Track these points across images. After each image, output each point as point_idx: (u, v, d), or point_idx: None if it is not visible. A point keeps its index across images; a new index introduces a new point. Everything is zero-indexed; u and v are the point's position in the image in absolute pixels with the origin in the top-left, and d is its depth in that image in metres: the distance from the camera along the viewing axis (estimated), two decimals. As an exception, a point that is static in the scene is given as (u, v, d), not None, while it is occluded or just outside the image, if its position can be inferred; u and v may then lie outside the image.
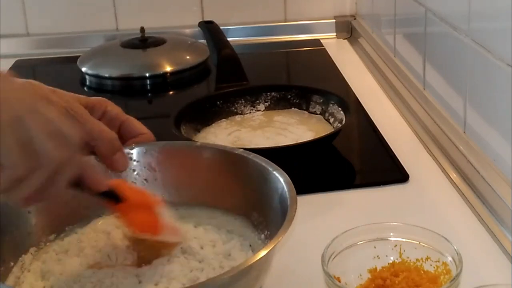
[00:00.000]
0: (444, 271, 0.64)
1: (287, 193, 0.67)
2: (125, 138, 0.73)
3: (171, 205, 0.74)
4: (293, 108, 1.09)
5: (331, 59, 1.42)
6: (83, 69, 1.36)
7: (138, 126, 0.74)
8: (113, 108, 0.73)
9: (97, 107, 0.71)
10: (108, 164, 0.68)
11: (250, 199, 0.74)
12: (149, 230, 0.68)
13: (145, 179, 0.77)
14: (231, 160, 0.75)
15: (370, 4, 1.49)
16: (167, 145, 0.78)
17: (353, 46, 1.53)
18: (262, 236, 0.72)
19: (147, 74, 1.34)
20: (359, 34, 1.53)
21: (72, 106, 0.64)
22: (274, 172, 0.71)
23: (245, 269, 0.57)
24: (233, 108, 1.08)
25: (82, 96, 0.70)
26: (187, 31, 1.55)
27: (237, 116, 1.08)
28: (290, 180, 0.69)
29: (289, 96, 1.09)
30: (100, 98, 0.72)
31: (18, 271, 0.69)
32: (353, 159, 1.01)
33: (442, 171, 0.94)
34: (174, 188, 0.77)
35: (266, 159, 0.73)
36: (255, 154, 0.74)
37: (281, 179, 0.69)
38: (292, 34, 1.59)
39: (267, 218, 0.71)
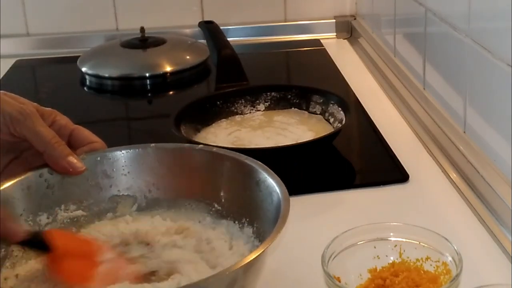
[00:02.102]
0: (444, 271, 0.64)
1: (280, 195, 0.66)
2: (75, 147, 0.73)
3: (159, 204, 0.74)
4: (293, 108, 1.09)
5: (331, 59, 1.42)
6: (83, 69, 1.36)
7: (87, 134, 0.74)
8: (62, 118, 0.73)
9: (46, 115, 0.71)
10: (62, 170, 0.70)
11: (240, 202, 0.73)
12: (78, 280, 0.64)
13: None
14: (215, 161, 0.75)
15: (370, 4, 1.49)
16: (154, 147, 0.77)
17: (353, 46, 1.53)
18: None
19: (147, 74, 1.34)
20: (359, 34, 1.53)
21: (28, 107, 0.65)
22: (265, 174, 0.70)
23: (230, 274, 0.57)
24: (233, 108, 1.08)
25: (34, 103, 0.71)
26: (187, 31, 1.55)
27: (237, 116, 1.08)
28: (282, 183, 0.68)
29: (289, 96, 1.09)
30: (50, 109, 0.73)
31: None
32: (353, 159, 1.01)
33: (442, 171, 0.94)
34: (161, 189, 0.76)
35: (254, 160, 0.72)
36: (239, 154, 0.74)
37: (273, 183, 0.68)
38: (292, 34, 1.59)
39: (259, 221, 0.70)
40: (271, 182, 0.68)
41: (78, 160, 0.70)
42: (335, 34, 1.60)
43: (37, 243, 0.63)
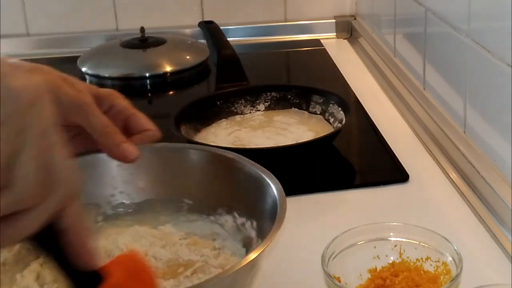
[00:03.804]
0: (444, 271, 0.64)
1: (276, 196, 0.66)
2: (131, 132, 0.71)
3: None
4: (293, 108, 1.09)
5: (331, 59, 1.42)
6: (83, 69, 1.36)
7: (144, 121, 0.72)
8: (121, 102, 0.71)
9: (105, 100, 0.70)
10: (116, 156, 0.67)
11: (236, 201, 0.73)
12: None
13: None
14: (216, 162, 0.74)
15: (370, 4, 1.49)
16: (153, 146, 0.76)
17: (353, 46, 1.53)
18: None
19: (147, 74, 1.34)
20: (359, 34, 1.53)
21: (83, 96, 0.63)
22: (263, 175, 0.70)
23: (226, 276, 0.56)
24: (233, 108, 1.08)
25: (93, 86, 0.68)
26: (187, 31, 1.55)
27: (237, 116, 1.08)
28: (280, 186, 0.67)
29: (289, 96, 1.09)
30: (110, 90, 0.71)
31: None
32: (353, 159, 1.01)
33: (442, 171, 0.94)
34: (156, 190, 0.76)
35: (254, 162, 0.72)
36: (240, 156, 0.73)
37: (271, 184, 0.68)
38: (292, 34, 1.59)
39: (257, 221, 0.70)
40: (268, 182, 0.68)
41: (131, 147, 0.67)
42: (335, 34, 1.60)
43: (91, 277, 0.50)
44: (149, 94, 1.36)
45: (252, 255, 0.57)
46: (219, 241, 0.72)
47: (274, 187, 0.67)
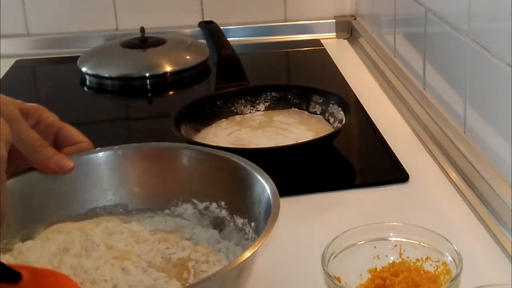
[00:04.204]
0: (444, 271, 0.64)
1: (270, 197, 0.65)
2: (62, 146, 0.71)
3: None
4: (293, 108, 1.09)
5: (331, 59, 1.42)
6: (83, 69, 1.36)
7: (75, 134, 0.72)
8: (49, 116, 0.70)
9: (31, 114, 0.69)
10: (50, 171, 0.68)
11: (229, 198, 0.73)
12: None
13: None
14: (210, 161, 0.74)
15: (370, 4, 1.49)
16: (141, 146, 0.76)
17: (353, 46, 1.53)
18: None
19: (147, 74, 1.34)
20: (359, 34, 1.53)
21: (12, 109, 0.62)
22: (256, 175, 0.69)
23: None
24: (233, 108, 1.08)
25: (18, 100, 0.68)
26: (187, 31, 1.55)
27: (237, 116, 1.08)
28: (274, 186, 0.67)
29: (289, 96, 1.09)
30: (35, 105, 0.70)
31: None
32: (353, 159, 1.01)
33: (442, 171, 0.94)
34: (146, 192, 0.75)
35: (248, 161, 0.72)
36: (232, 154, 0.73)
37: (264, 183, 0.68)
38: (292, 34, 1.59)
39: (251, 221, 0.70)
40: (262, 183, 0.68)
41: (65, 158, 0.68)
42: (335, 34, 1.60)
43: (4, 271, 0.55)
44: (149, 94, 1.36)
45: (247, 253, 0.57)
46: (188, 232, 0.72)
47: (266, 185, 0.67)
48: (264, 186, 0.67)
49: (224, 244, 0.71)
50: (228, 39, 1.33)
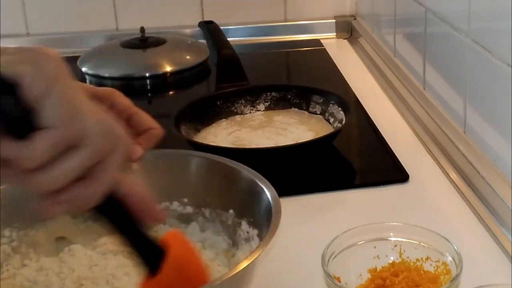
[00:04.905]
0: (444, 271, 0.64)
1: (271, 203, 0.66)
2: (134, 131, 0.69)
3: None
4: (293, 108, 1.09)
5: (331, 59, 1.42)
6: (83, 69, 1.36)
7: (147, 120, 0.71)
8: (122, 100, 0.69)
9: (104, 99, 0.67)
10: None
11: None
12: None
13: None
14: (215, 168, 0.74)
15: (370, 4, 1.49)
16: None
17: (353, 46, 1.53)
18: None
19: (147, 74, 1.34)
20: (359, 34, 1.53)
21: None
22: (259, 183, 0.69)
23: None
24: (233, 108, 1.08)
25: (90, 85, 0.67)
26: (187, 31, 1.55)
27: (237, 116, 1.08)
28: (275, 193, 0.67)
29: (289, 96, 1.09)
30: (108, 89, 0.69)
31: None
32: (353, 159, 1.01)
33: (442, 171, 0.94)
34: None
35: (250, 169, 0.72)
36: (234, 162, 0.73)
37: (266, 191, 0.68)
38: (292, 34, 1.59)
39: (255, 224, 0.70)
40: (262, 188, 0.68)
41: (136, 146, 0.65)
42: (335, 34, 1.60)
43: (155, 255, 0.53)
44: (149, 94, 1.36)
45: (244, 263, 0.57)
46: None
47: (268, 193, 0.67)
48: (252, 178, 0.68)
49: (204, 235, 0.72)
50: (228, 39, 1.33)
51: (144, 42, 1.40)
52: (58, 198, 0.47)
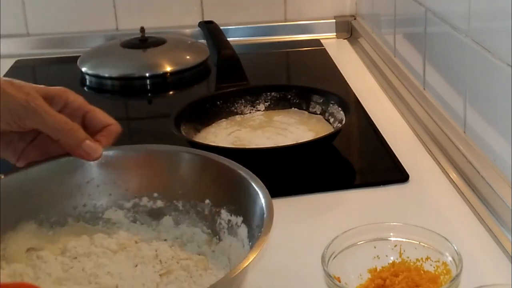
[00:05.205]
0: (444, 271, 0.64)
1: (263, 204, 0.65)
2: (90, 130, 0.70)
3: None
4: (293, 108, 1.09)
5: (331, 59, 1.42)
6: (83, 69, 1.36)
7: (102, 117, 0.71)
8: (76, 99, 0.70)
9: (57, 98, 0.68)
10: (79, 155, 0.67)
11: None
12: None
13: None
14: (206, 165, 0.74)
15: (370, 4, 1.49)
16: (142, 148, 0.76)
17: (353, 46, 1.53)
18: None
19: (147, 74, 1.34)
20: (359, 34, 1.53)
21: (33, 98, 0.62)
22: (252, 183, 0.69)
23: None
24: (233, 108, 1.08)
25: (41, 86, 0.67)
26: (187, 31, 1.55)
27: (237, 116, 1.08)
28: (268, 194, 0.67)
29: (289, 96, 1.09)
30: (60, 88, 0.70)
31: None
32: (353, 159, 1.01)
33: (442, 171, 0.94)
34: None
35: (244, 168, 0.71)
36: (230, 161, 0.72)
37: (259, 192, 0.67)
38: (292, 34, 1.59)
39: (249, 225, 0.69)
40: (256, 190, 0.67)
41: (94, 144, 0.67)
42: (335, 34, 1.60)
43: None
44: (149, 94, 1.35)
45: (239, 267, 0.57)
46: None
47: (261, 194, 0.66)
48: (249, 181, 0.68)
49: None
50: (228, 39, 1.33)
51: (144, 42, 1.40)
52: None
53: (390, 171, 0.95)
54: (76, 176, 0.72)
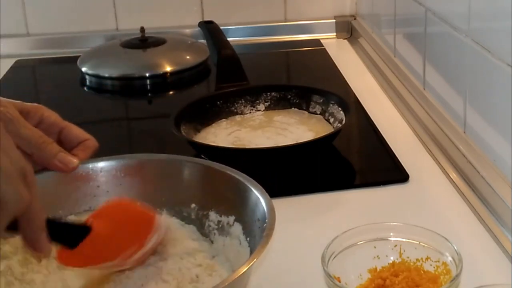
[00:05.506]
0: (444, 271, 0.64)
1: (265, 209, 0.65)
2: (66, 145, 0.70)
3: None
4: (293, 108, 1.09)
5: (331, 59, 1.42)
6: (83, 69, 1.36)
7: (79, 132, 0.71)
8: (50, 115, 0.70)
9: (32, 114, 0.68)
10: (56, 169, 0.67)
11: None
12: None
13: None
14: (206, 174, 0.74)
15: (370, 4, 1.49)
16: (143, 157, 0.76)
17: (353, 46, 1.53)
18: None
19: (147, 74, 1.34)
20: (359, 34, 1.53)
21: (10, 110, 0.62)
22: (252, 189, 0.68)
23: None
24: (233, 108, 1.08)
25: (17, 101, 0.67)
26: (187, 31, 1.55)
27: (237, 116, 1.08)
28: (270, 199, 0.67)
29: (289, 96, 1.09)
30: (35, 104, 0.69)
31: None
32: (353, 159, 1.01)
33: (442, 171, 0.94)
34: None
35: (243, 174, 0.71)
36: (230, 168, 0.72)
37: (260, 197, 0.67)
38: (292, 34, 1.59)
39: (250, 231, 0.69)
40: (256, 195, 0.67)
41: (69, 156, 0.67)
42: (335, 34, 1.60)
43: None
44: (149, 94, 1.36)
45: (241, 269, 0.57)
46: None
47: (262, 199, 0.66)
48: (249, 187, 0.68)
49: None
50: (228, 39, 1.33)
51: (144, 42, 1.40)
52: None
53: (390, 171, 0.95)
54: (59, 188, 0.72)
